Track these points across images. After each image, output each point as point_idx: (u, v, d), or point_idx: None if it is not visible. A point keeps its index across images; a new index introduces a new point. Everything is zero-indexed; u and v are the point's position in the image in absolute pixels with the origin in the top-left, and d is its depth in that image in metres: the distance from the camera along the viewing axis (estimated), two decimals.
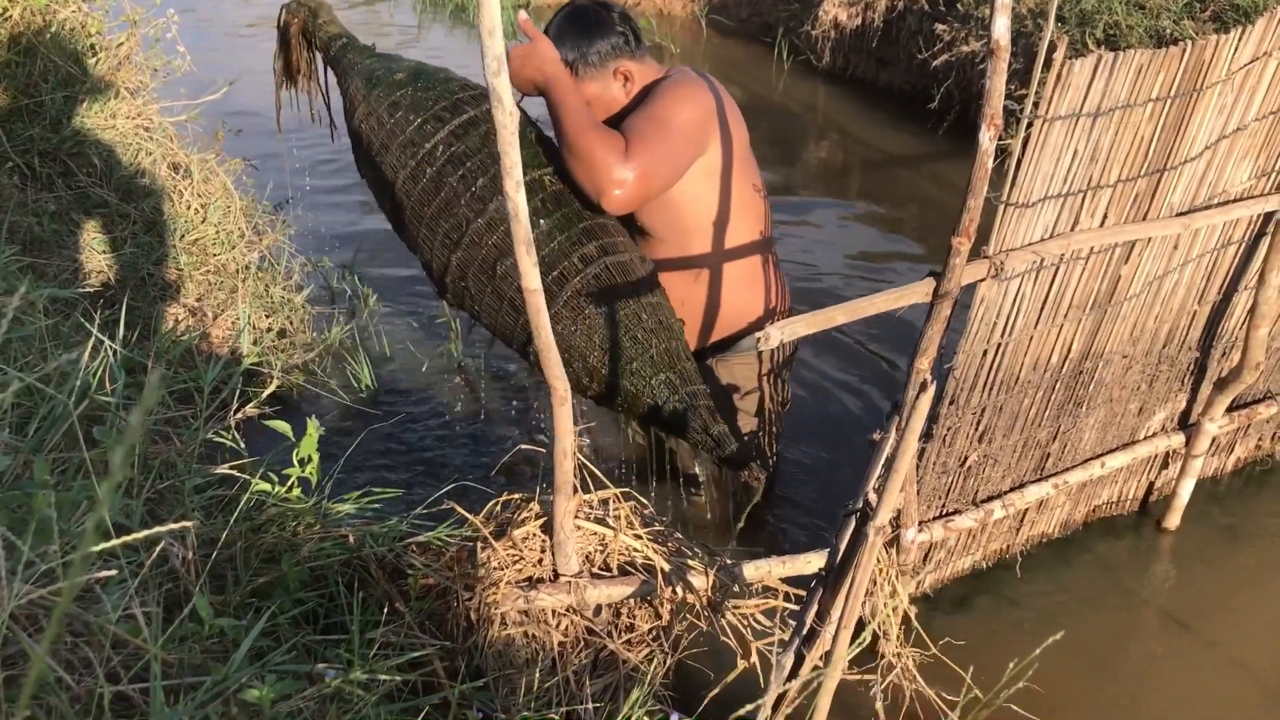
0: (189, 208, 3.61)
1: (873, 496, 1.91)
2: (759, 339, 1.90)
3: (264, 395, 2.23)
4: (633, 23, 2.51)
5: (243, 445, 2.00)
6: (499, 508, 2.23)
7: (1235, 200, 2.52)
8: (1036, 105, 1.98)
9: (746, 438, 2.81)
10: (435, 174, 2.38)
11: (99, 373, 1.70)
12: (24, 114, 3.32)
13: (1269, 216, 2.63)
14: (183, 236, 3.48)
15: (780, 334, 1.91)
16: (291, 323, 3.59)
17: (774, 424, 2.86)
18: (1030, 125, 1.98)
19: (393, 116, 2.45)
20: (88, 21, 3.67)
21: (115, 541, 0.86)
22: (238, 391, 2.09)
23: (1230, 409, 3.01)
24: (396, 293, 4.08)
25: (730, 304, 2.67)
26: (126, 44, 3.81)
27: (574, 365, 2.33)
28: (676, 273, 2.60)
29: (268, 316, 3.52)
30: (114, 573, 1.01)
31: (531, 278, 1.79)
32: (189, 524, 0.73)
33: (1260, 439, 3.31)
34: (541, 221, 2.31)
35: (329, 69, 2.80)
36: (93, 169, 3.40)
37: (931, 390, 1.67)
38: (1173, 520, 3.06)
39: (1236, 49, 2.20)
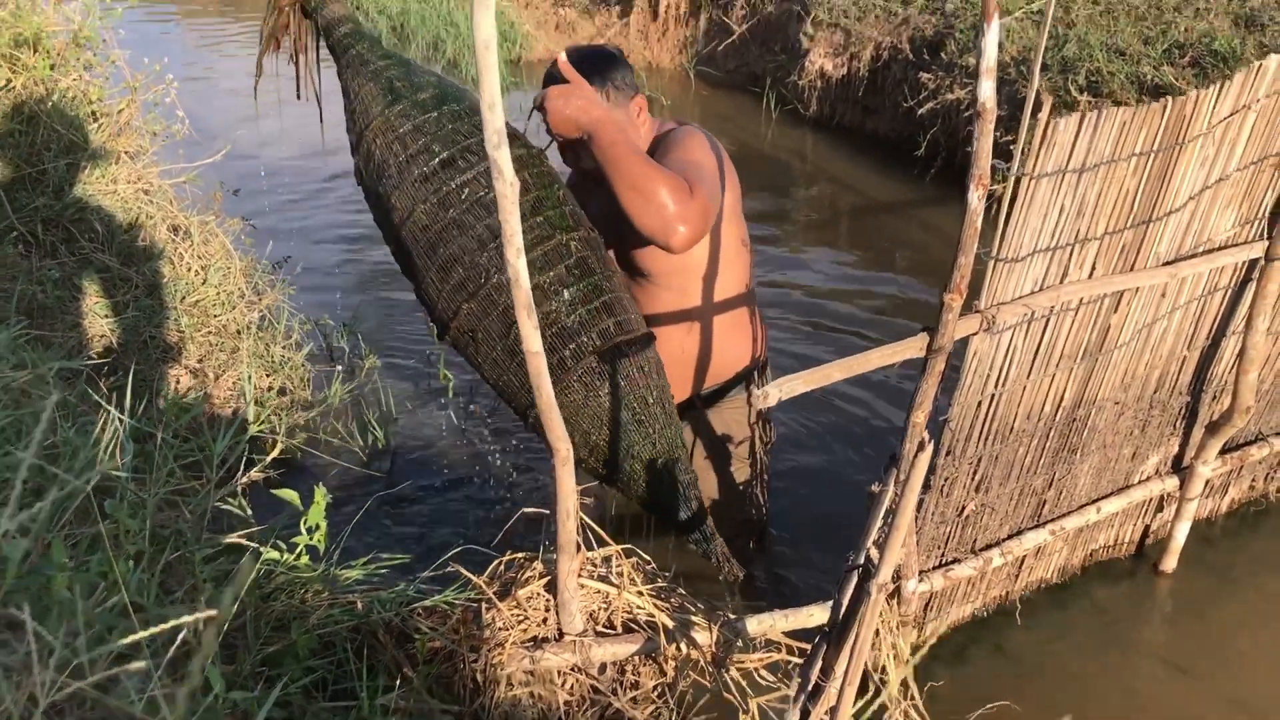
0: (189, 269, 3.65)
1: (874, 552, 1.93)
2: (758, 396, 1.94)
3: (268, 460, 2.26)
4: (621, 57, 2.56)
5: (249, 512, 2.02)
6: (503, 567, 2.25)
7: (1220, 248, 2.57)
8: (1023, 162, 2.03)
9: (742, 486, 2.84)
10: (457, 216, 2.28)
11: (109, 446, 1.73)
12: (27, 182, 3.37)
13: (1253, 263, 2.68)
14: (183, 299, 3.52)
15: (779, 392, 1.95)
16: (292, 381, 3.61)
17: (764, 469, 2.89)
18: (1018, 182, 2.03)
19: (415, 143, 2.31)
20: (89, 89, 3.72)
21: (142, 635, 0.88)
22: (244, 459, 2.11)
23: (1223, 451, 3.04)
24: (396, 350, 4.12)
25: (721, 353, 2.71)
26: (127, 110, 3.86)
27: (576, 439, 2.26)
28: (675, 324, 2.63)
29: (268, 376, 3.55)
30: (143, 665, 1.02)
31: (533, 340, 1.82)
32: (213, 613, 0.75)
33: (1254, 480, 3.35)
34: (566, 292, 2.25)
35: (329, 50, 2.62)
36: (94, 234, 3.44)
37: (930, 449, 1.70)
38: (1169, 563, 3.09)
39: (1216, 103, 2.26)
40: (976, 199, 1.82)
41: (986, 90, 1.73)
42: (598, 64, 2.44)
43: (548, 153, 2.44)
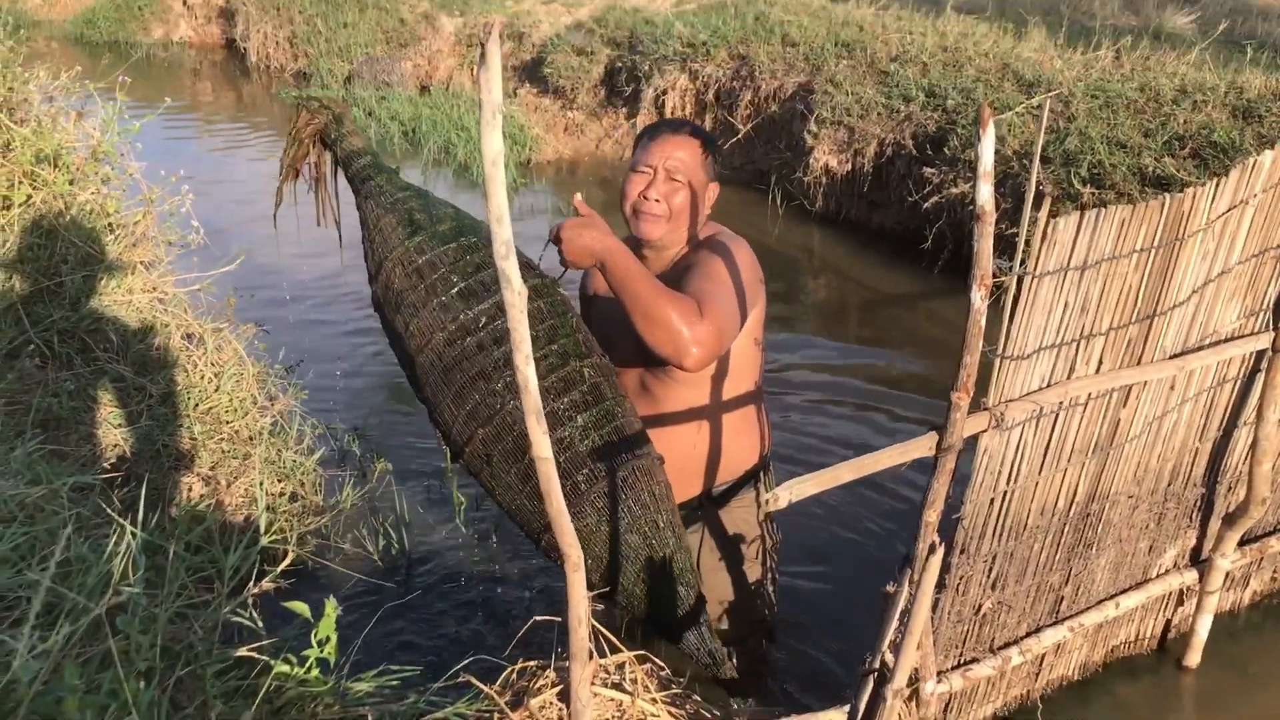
0: (202, 377, 3.68)
1: (889, 656, 1.91)
2: (769, 500, 1.93)
3: (279, 570, 2.25)
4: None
5: (260, 624, 2.01)
6: (515, 676, 2.23)
7: (1226, 340, 2.58)
8: (1025, 260, 2.05)
9: (752, 586, 2.82)
10: (475, 344, 2.32)
11: (122, 563, 1.73)
12: (45, 295, 3.42)
13: (1260, 354, 2.69)
14: (196, 406, 3.54)
15: (789, 494, 1.94)
16: (304, 487, 3.62)
17: (772, 567, 2.86)
18: (1021, 279, 2.05)
19: (434, 273, 2.38)
20: (106, 203, 3.80)
21: None
22: (255, 570, 2.11)
23: (1241, 543, 3.01)
24: (408, 454, 4.13)
25: (732, 451, 2.70)
26: (143, 221, 3.94)
27: (589, 562, 2.24)
28: (689, 421, 2.64)
29: (280, 481, 3.56)
30: None
31: (543, 446, 1.83)
32: None
33: (1275, 571, 3.31)
34: (579, 417, 2.28)
35: (347, 182, 2.72)
36: (109, 344, 3.48)
37: (941, 552, 1.70)
38: (1193, 658, 3.04)
39: (1214, 199, 2.29)
40: (979, 299, 1.84)
41: (985, 194, 1.76)
42: (711, 140, 2.61)
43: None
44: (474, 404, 2.33)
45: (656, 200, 2.53)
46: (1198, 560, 3.02)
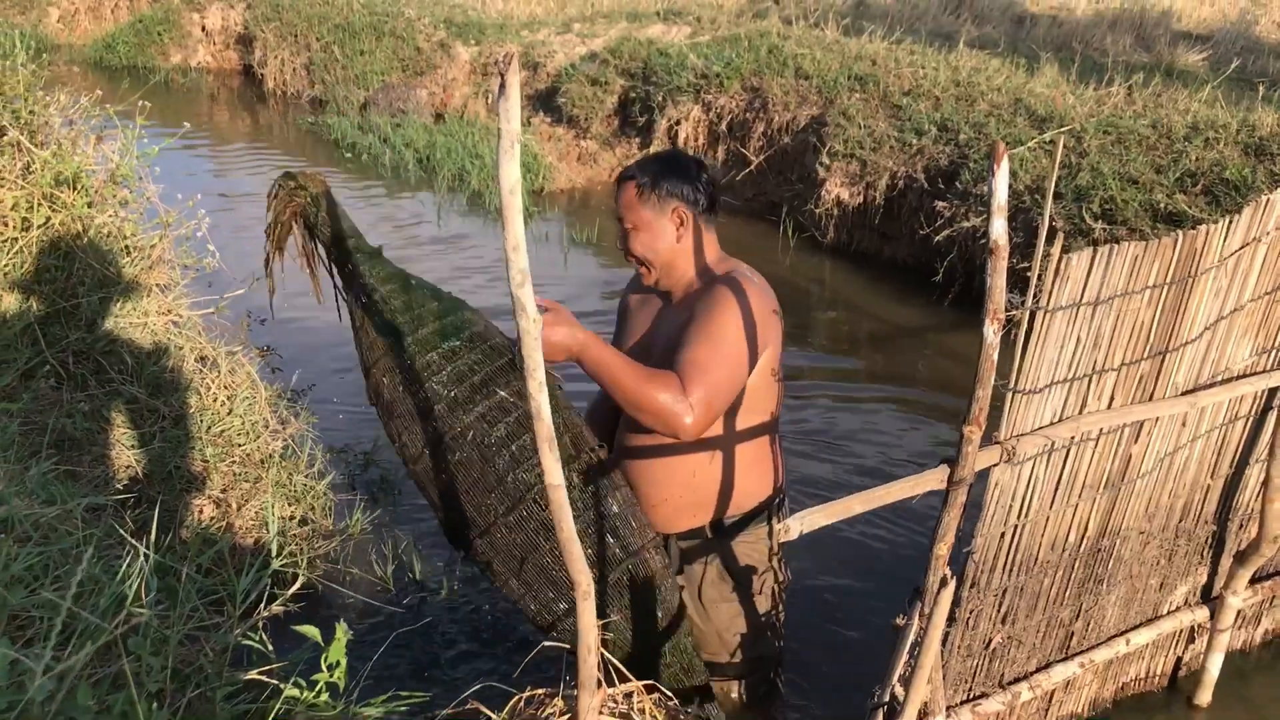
0: (215, 400, 3.70)
1: (899, 689, 1.91)
2: (779, 530, 1.93)
3: (290, 594, 2.25)
4: (713, 191, 2.61)
5: (270, 647, 2.01)
6: (523, 704, 2.22)
7: (1239, 377, 2.58)
8: (1038, 296, 2.06)
9: (760, 619, 2.81)
10: (463, 459, 2.39)
11: (134, 585, 1.74)
12: (61, 316, 3.44)
13: (1273, 391, 2.69)
14: (209, 429, 3.56)
15: (800, 525, 1.95)
16: (314, 511, 3.62)
17: (780, 604, 2.85)
18: (1033, 314, 2.06)
19: (419, 389, 2.41)
20: (124, 226, 3.83)
21: None
22: (266, 593, 2.11)
23: (1253, 581, 3.00)
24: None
25: (741, 484, 2.69)
26: (159, 245, 3.96)
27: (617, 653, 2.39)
28: (699, 452, 2.64)
29: (291, 505, 3.56)
30: None
31: (554, 474, 1.84)
32: None
33: None
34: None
35: (331, 267, 2.69)
36: (124, 366, 3.49)
37: (952, 586, 1.70)
38: (1204, 696, 3.02)
39: (1226, 236, 2.29)
40: (992, 333, 1.85)
41: (999, 228, 1.77)
42: (657, 164, 2.59)
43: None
44: (470, 515, 2.41)
45: (630, 254, 2.61)
46: (1209, 598, 3.00)
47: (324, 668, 1.94)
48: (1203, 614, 2.97)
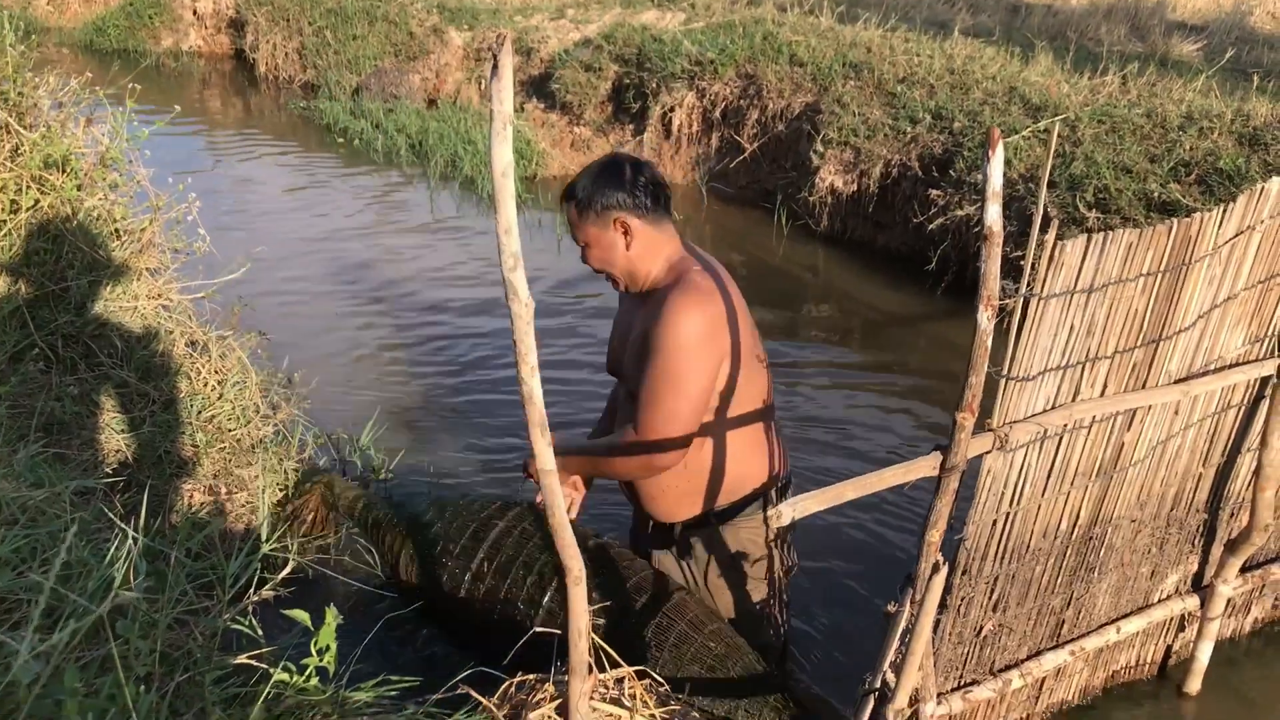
0: (206, 384, 3.68)
1: (890, 676, 1.91)
2: (772, 515, 1.93)
3: (280, 578, 2.24)
4: (656, 189, 2.58)
5: (260, 632, 2.01)
6: (513, 689, 2.22)
7: (1231, 366, 2.58)
8: (1032, 282, 2.05)
9: (759, 607, 2.81)
10: (490, 589, 2.78)
11: (123, 568, 1.73)
12: (50, 299, 3.42)
13: (1265, 380, 2.68)
14: (199, 413, 3.54)
15: (792, 511, 1.94)
16: None
17: (783, 590, 2.85)
18: (1027, 301, 2.05)
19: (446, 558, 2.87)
20: (113, 209, 3.80)
21: None
22: (256, 578, 2.10)
23: (1243, 570, 3.00)
24: (408, 465, 4.12)
25: (735, 471, 2.69)
26: (149, 229, 3.94)
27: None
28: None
29: (281, 490, 3.55)
30: None
31: (546, 459, 1.83)
32: None
33: (1277, 599, 3.30)
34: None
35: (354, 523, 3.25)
36: (114, 350, 3.48)
37: (944, 572, 1.69)
38: (1193, 685, 3.03)
39: (1220, 225, 2.29)
40: (986, 320, 1.84)
41: (993, 214, 1.76)
42: (591, 176, 2.58)
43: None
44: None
45: (595, 269, 2.67)
46: (1199, 586, 3.01)
47: (314, 652, 1.94)
48: (1193, 602, 2.97)
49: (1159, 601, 2.95)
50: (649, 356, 2.49)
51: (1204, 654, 3.01)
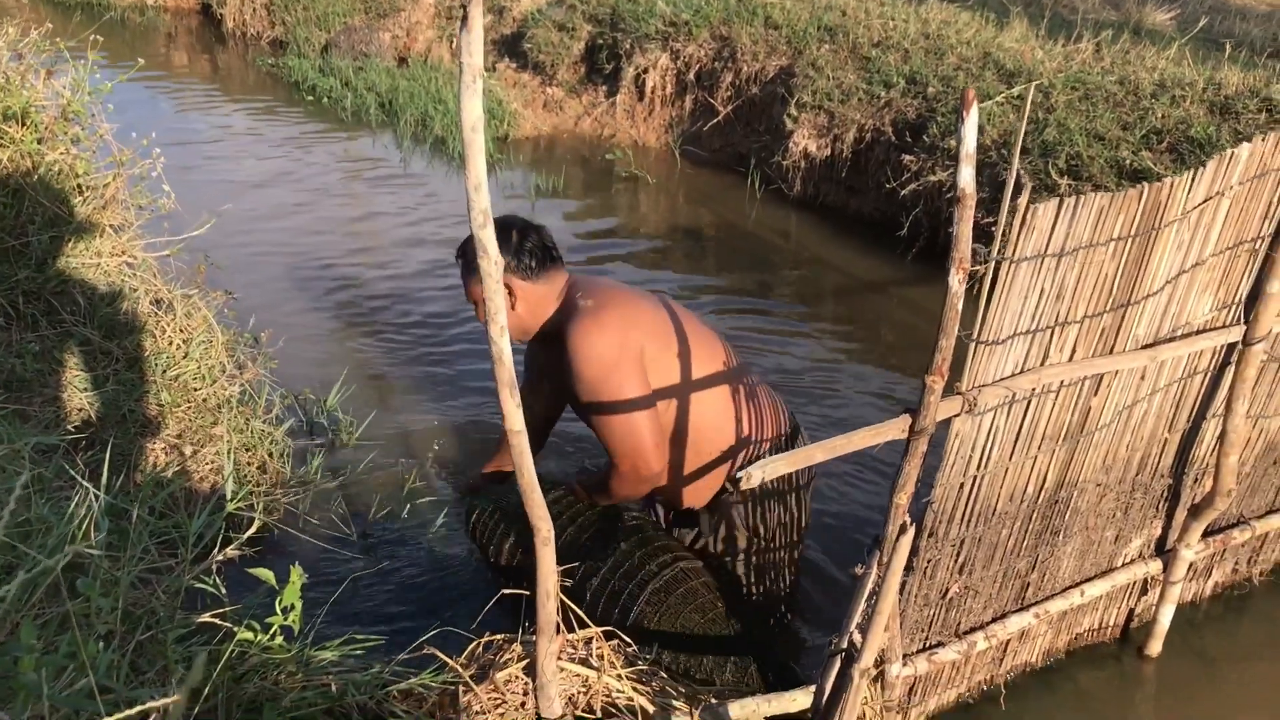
0: (171, 343, 3.64)
1: (857, 636, 1.91)
2: (742, 477, 1.93)
3: (245, 537, 2.22)
4: (543, 253, 2.70)
5: (224, 591, 1.99)
6: (481, 649, 2.22)
7: (1198, 332, 2.59)
8: (1003, 246, 2.05)
9: (763, 568, 2.88)
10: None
11: (84, 523, 1.71)
12: (10, 255, 3.37)
13: (1231, 347, 2.70)
14: (164, 372, 3.50)
15: (762, 472, 1.94)
16: (271, 457, 3.58)
17: (792, 547, 2.94)
18: (998, 265, 2.05)
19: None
20: (75, 163, 3.74)
21: None
22: (221, 537, 2.08)
23: (1205, 535, 3.04)
24: (377, 425, 4.09)
25: (716, 440, 2.72)
26: (113, 184, 3.88)
27: (655, 647, 2.57)
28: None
29: (247, 451, 3.52)
30: None
31: (515, 419, 1.82)
32: (178, 699, 0.73)
33: (1237, 564, 3.34)
34: (622, 544, 2.76)
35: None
36: (76, 307, 3.43)
37: (911, 532, 1.69)
38: (1154, 647, 3.07)
39: (1191, 189, 2.29)
40: (957, 282, 1.83)
41: (966, 176, 1.75)
42: (466, 249, 2.72)
43: None
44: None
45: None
46: (1162, 550, 3.04)
47: (279, 611, 1.92)
48: (1156, 566, 3.01)
49: (1122, 565, 2.98)
50: (582, 399, 2.62)
51: (1165, 617, 3.05)
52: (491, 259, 1.68)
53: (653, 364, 2.61)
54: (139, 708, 0.91)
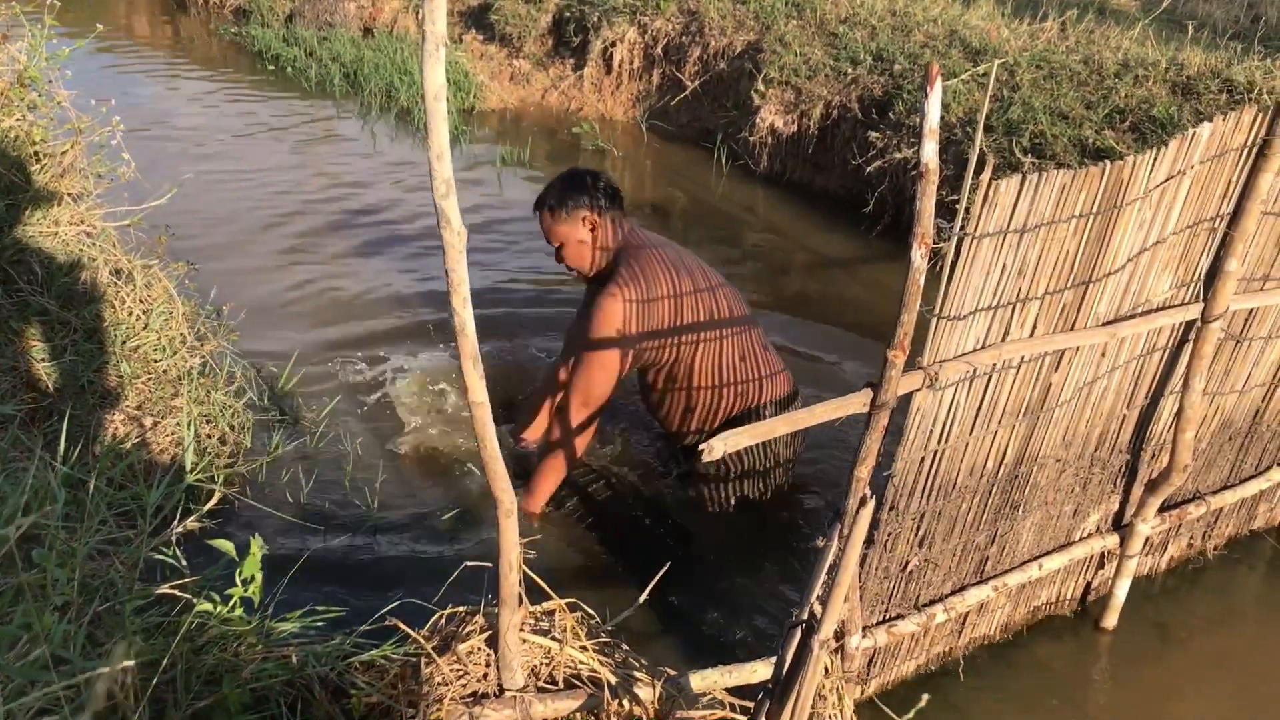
0: (130, 314, 3.59)
1: (817, 608, 1.93)
2: (704, 449, 1.94)
3: (205, 509, 2.21)
4: (609, 190, 3.19)
5: (184, 562, 1.98)
6: (443, 621, 2.22)
7: (1158, 310, 2.62)
8: (966, 222, 2.06)
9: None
10: None
11: (40, 493, 1.69)
12: None
13: (1190, 325, 2.73)
14: (124, 343, 3.46)
15: (724, 445, 1.94)
16: (233, 429, 3.55)
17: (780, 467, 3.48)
18: (960, 241, 2.06)
19: None
20: (32, 130, 3.67)
21: (58, 687, 0.85)
22: (180, 509, 2.07)
23: (1162, 509, 3.08)
24: (340, 399, 4.06)
25: (722, 394, 3.29)
26: (71, 152, 3.81)
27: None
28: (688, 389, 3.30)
29: (208, 423, 3.49)
30: None
31: (478, 391, 1.82)
32: (129, 664, 0.73)
33: (1192, 538, 3.39)
34: None
35: None
36: (34, 276, 3.38)
37: (871, 505, 1.71)
38: (1110, 620, 3.11)
39: (1152, 168, 2.31)
40: (919, 258, 1.84)
41: (929, 151, 1.76)
42: (560, 188, 3.19)
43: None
44: None
45: (564, 265, 3.28)
46: (1119, 525, 3.08)
47: (239, 583, 1.91)
48: (1113, 540, 3.05)
49: (1080, 539, 3.02)
50: (576, 333, 3.15)
51: (1122, 590, 3.09)
52: (455, 229, 1.67)
53: (659, 347, 3.17)
54: (89, 674, 0.90)
